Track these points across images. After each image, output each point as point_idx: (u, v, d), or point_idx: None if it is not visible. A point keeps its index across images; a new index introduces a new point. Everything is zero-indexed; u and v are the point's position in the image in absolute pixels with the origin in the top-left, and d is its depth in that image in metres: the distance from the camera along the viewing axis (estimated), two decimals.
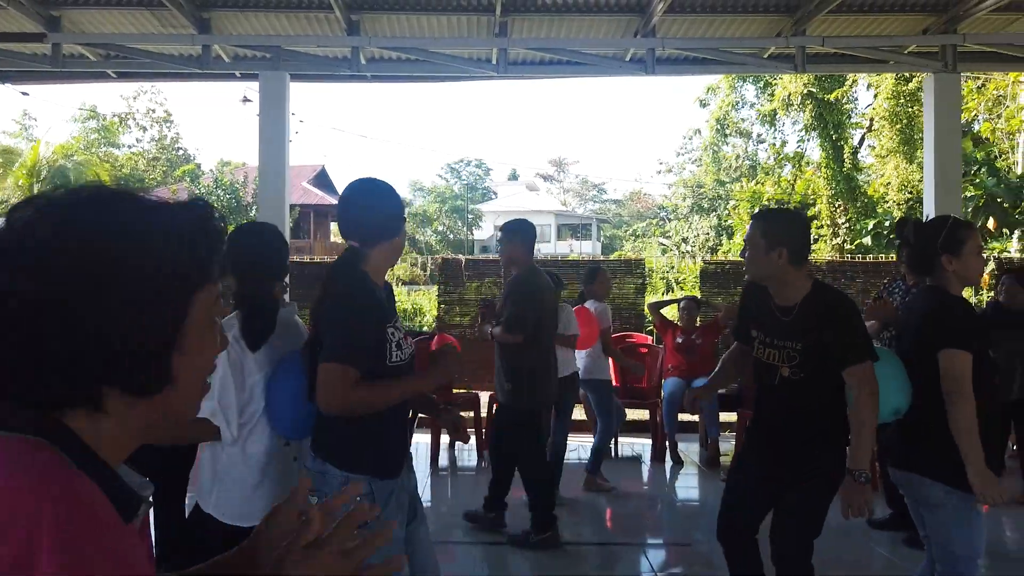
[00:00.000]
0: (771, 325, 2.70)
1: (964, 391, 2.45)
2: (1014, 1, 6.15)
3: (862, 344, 2.59)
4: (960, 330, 2.53)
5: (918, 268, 2.77)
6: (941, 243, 2.61)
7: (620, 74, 6.98)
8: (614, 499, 5.41)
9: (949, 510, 2.53)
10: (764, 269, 2.68)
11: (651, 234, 37.48)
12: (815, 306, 2.62)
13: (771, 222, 2.73)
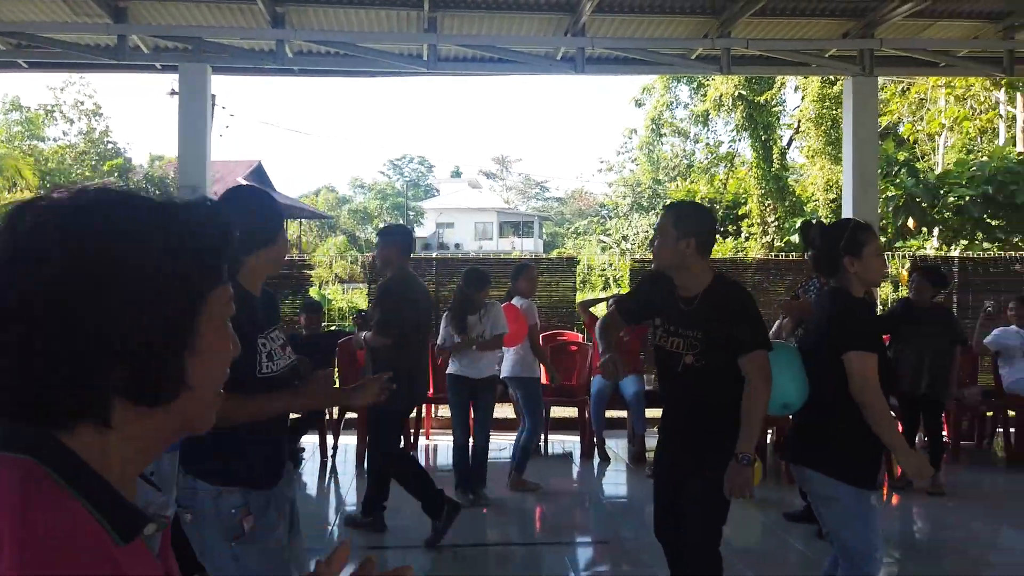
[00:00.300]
0: (674, 314, 2.78)
1: (873, 388, 2.52)
2: (927, 7, 6.39)
3: (756, 333, 2.68)
4: (863, 332, 2.61)
5: (823, 270, 2.84)
6: (843, 245, 2.68)
7: (550, 72, 7.00)
8: (542, 498, 5.42)
9: (842, 505, 2.60)
10: (672, 258, 2.75)
11: (592, 232, 37.81)
12: (716, 296, 2.71)
13: (682, 213, 2.82)
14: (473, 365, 5.11)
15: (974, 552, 4.42)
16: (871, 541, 2.60)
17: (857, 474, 2.57)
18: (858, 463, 2.59)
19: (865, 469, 2.60)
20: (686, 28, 6.75)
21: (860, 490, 2.57)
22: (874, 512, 2.61)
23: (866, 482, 2.59)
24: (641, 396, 6.31)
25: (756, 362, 2.61)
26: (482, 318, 5.10)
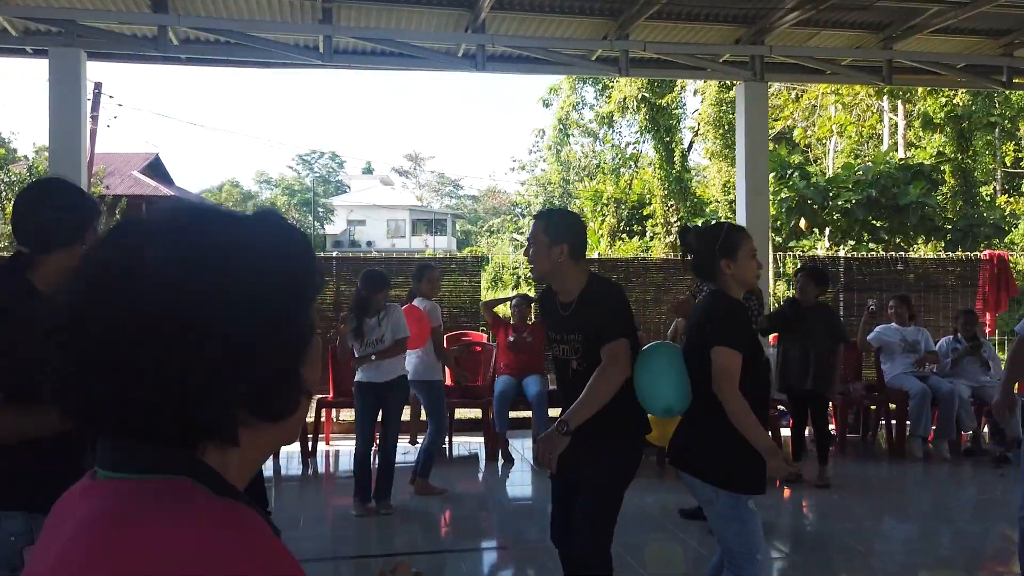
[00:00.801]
0: (558, 320, 2.79)
1: (732, 384, 2.54)
2: (813, 17, 6.64)
3: (615, 323, 2.69)
4: (732, 331, 2.62)
5: (701, 273, 2.86)
6: (718, 248, 2.71)
7: (451, 69, 6.90)
8: (446, 502, 5.31)
9: (720, 508, 2.63)
10: (547, 265, 2.76)
11: (505, 230, 37.90)
12: (589, 297, 2.73)
13: (552, 220, 2.83)
14: (378, 370, 4.94)
15: (859, 542, 4.60)
16: (751, 543, 2.61)
17: (732, 479, 2.59)
18: (733, 468, 2.60)
19: (741, 474, 2.60)
20: (585, 29, 6.78)
21: (735, 495, 2.60)
22: (752, 515, 2.62)
23: (742, 486, 2.60)
24: (544, 396, 6.29)
25: (611, 349, 2.63)
26: (381, 321, 4.94)
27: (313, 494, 5.85)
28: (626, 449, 2.75)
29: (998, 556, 4.43)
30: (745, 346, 2.62)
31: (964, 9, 6.29)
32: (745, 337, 2.65)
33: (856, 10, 6.58)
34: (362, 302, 4.97)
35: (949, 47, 7.45)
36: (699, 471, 2.65)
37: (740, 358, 2.57)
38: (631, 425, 2.75)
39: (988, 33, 7.25)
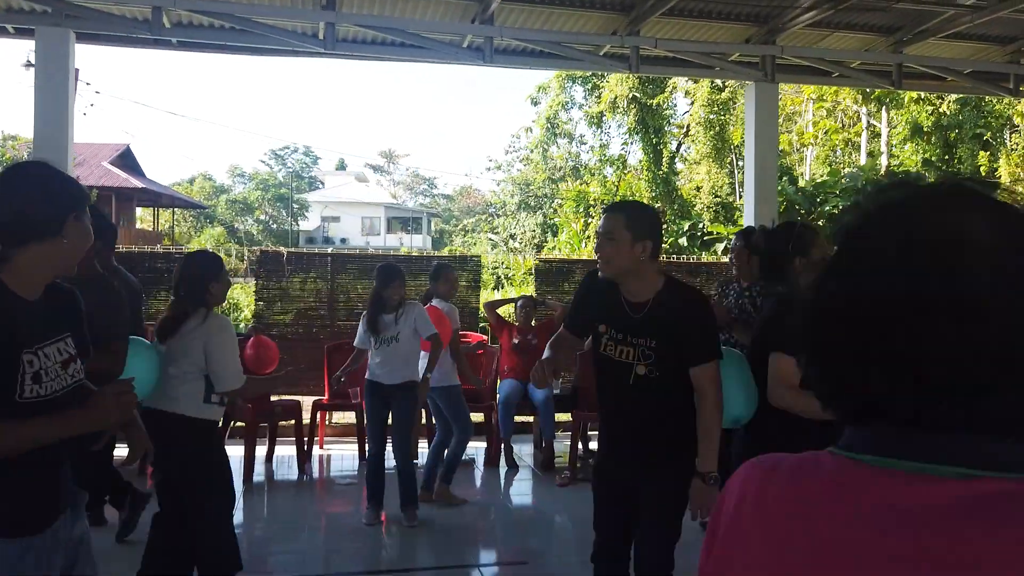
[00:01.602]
0: (623, 321, 2.58)
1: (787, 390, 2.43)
2: (826, 18, 6.53)
3: (710, 342, 2.54)
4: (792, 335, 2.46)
5: (770, 275, 2.70)
6: (792, 246, 2.59)
7: (458, 61, 6.65)
8: (450, 511, 5.08)
9: None
10: (628, 263, 2.53)
11: (480, 229, 37.76)
12: (669, 302, 2.54)
13: (635, 213, 2.60)
14: (387, 369, 4.70)
15: None
16: None
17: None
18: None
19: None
20: (596, 24, 6.59)
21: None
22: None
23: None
24: (551, 400, 6.10)
25: (709, 374, 2.49)
26: (399, 318, 4.70)
27: (313, 501, 5.58)
28: (688, 462, 2.58)
29: None
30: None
31: (979, 14, 6.22)
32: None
33: (872, 11, 6.48)
34: (378, 297, 4.74)
35: (957, 52, 7.40)
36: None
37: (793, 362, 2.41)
38: (691, 437, 2.58)
39: (996, 40, 7.21)
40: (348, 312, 8.00)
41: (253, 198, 49.90)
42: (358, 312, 8.00)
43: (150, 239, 27.63)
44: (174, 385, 3.11)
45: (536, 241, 25.70)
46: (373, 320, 4.71)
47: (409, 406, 4.80)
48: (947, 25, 6.59)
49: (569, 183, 23.80)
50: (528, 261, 14.28)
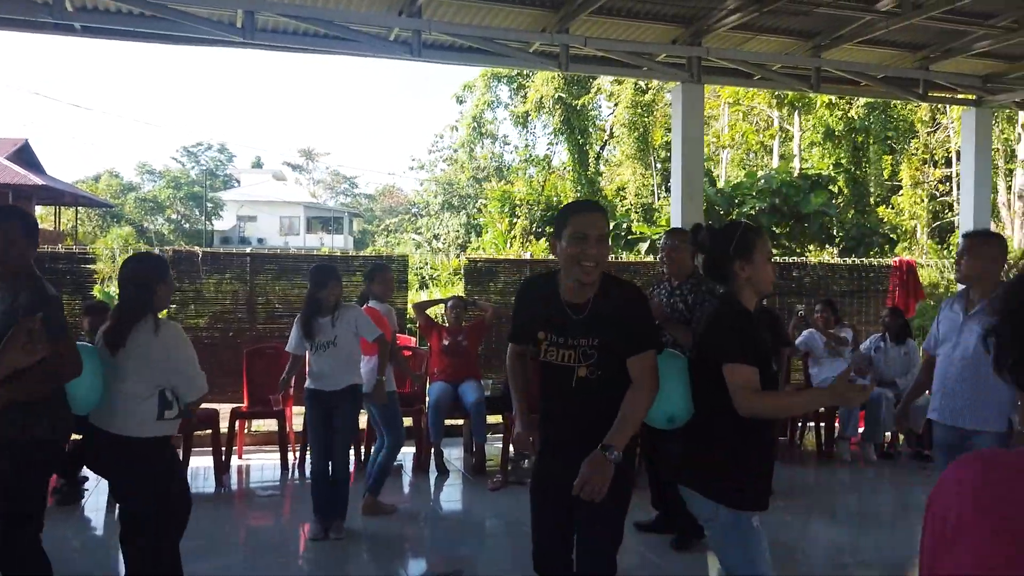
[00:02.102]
0: (563, 324, 2.52)
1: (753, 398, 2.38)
2: (749, 21, 6.64)
3: (647, 332, 2.51)
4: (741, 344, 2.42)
5: (713, 275, 2.67)
6: (733, 248, 2.52)
7: (385, 55, 6.45)
8: (378, 520, 4.89)
9: (720, 527, 2.46)
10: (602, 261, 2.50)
11: (404, 229, 37.34)
12: (611, 298, 2.50)
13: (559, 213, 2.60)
14: (328, 375, 4.48)
15: (787, 544, 4.54)
16: (755, 565, 2.43)
17: (733, 494, 2.42)
18: (734, 482, 2.43)
19: (742, 489, 2.43)
20: (525, 20, 6.51)
21: (737, 512, 2.42)
22: (756, 534, 2.44)
23: (743, 502, 2.43)
24: (482, 403, 5.98)
25: (647, 362, 2.45)
26: (335, 321, 4.48)
27: (233, 514, 5.28)
28: (631, 465, 2.57)
29: None
30: (758, 358, 2.42)
31: (894, 20, 6.44)
32: (756, 349, 2.44)
33: (793, 15, 6.63)
34: (313, 299, 4.50)
35: (871, 58, 7.67)
36: (698, 485, 2.46)
37: (756, 372, 2.39)
38: (634, 440, 2.54)
39: (908, 46, 7.50)
40: (268, 314, 7.67)
41: (164, 196, 47.83)
42: (279, 314, 7.70)
43: (51, 239, 26.02)
44: (128, 405, 2.88)
45: (460, 241, 25.55)
46: (308, 324, 4.47)
47: (351, 414, 4.59)
48: (863, 31, 6.81)
49: (494, 183, 23.74)
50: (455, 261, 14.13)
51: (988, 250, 3.50)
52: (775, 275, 2.67)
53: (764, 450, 2.49)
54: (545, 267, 8.71)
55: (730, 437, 2.43)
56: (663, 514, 4.57)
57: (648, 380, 2.44)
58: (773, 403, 2.37)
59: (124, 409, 2.87)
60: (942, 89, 8.33)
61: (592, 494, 2.31)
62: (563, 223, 2.49)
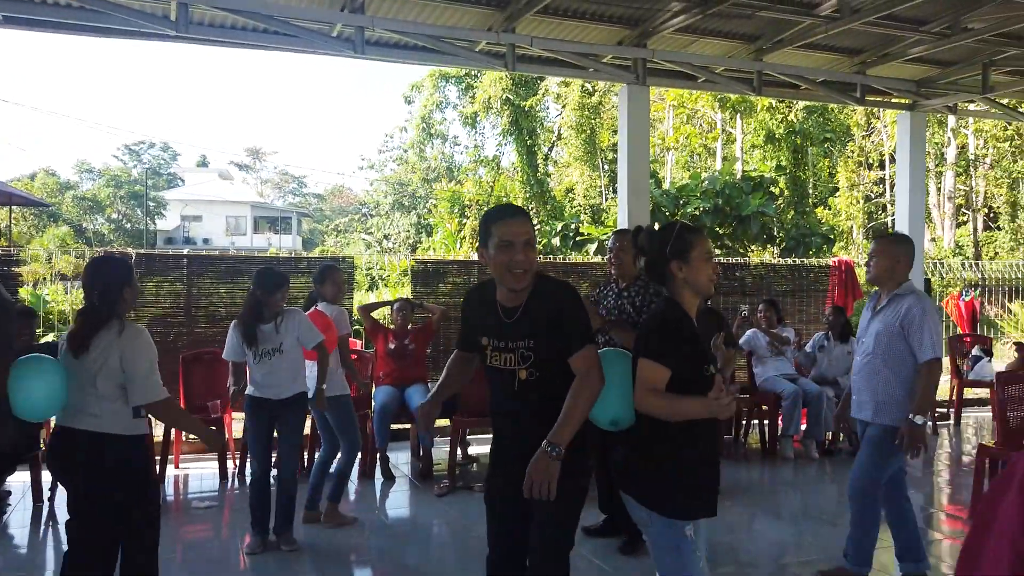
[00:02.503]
0: (501, 328, 2.53)
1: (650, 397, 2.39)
2: (693, 23, 6.70)
3: (583, 329, 2.48)
4: (661, 343, 2.41)
5: (654, 276, 2.64)
6: (670, 249, 2.50)
7: (326, 51, 6.30)
8: (321, 530, 4.76)
9: (654, 532, 2.45)
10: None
11: (353, 230, 36.90)
12: (542, 297, 2.49)
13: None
14: (274, 384, 4.32)
15: (733, 542, 4.58)
16: (687, 572, 2.40)
17: (665, 501, 2.40)
18: (667, 490, 2.41)
19: (675, 496, 2.41)
20: (471, 19, 6.45)
21: (671, 520, 2.40)
22: (689, 543, 2.40)
23: (675, 510, 2.40)
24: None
25: (587, 358, 2.43)
26: (279, 327, 4.32)
27: (169, 527, 5.05)
28: (582, 465, 2.51)
29: None
30: (679, 361, 2.39)
31: (833, 24, 6.57)
32: (679, 351, 2.41)
33: (736, 18, 6.71)
34: (256, 305, 4.33)
35: (811, 62, 7.82)
36: (633, 491, 2.45)
37: (666, 373, 2.37)
38: (585, 439, 2.50)
39: (846, 51, 7.68)
40: (208, 318, 7.43)
41: (103, 196, 46.27)
42: (219, 318, 7.46)
43: None
44: (102, 404, 2.90)
45: (411, 242, 25.35)
46: (250, 331, 4.30)
47: (298, 422, 4.45)
48: (804, 35, 6.93)
49: (444, 183, 23.60)
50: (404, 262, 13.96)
51: (894, 251, 3.72)
52: (717, 276, 2.65)
53: (701, 459, 2.45)
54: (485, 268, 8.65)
55: (664, 443, 2.40)
56: (611, 518, 4.55)
57: (590, 374, 2.41)
58: (661, 405, 2.36)
59: (100, 408, 2.89)
60: (878, 93, 8.56)
61: (541, 493, 2.32)
62: (487, 232, 2.49)
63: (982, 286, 13.76)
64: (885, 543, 4.79)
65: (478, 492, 5.58)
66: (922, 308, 3.62)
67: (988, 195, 24.85)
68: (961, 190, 24.46)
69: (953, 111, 9.16)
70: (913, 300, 3.65)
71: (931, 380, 3.59)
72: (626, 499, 2.48)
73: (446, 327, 6.92)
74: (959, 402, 8.44)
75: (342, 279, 5.09)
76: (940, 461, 6.95)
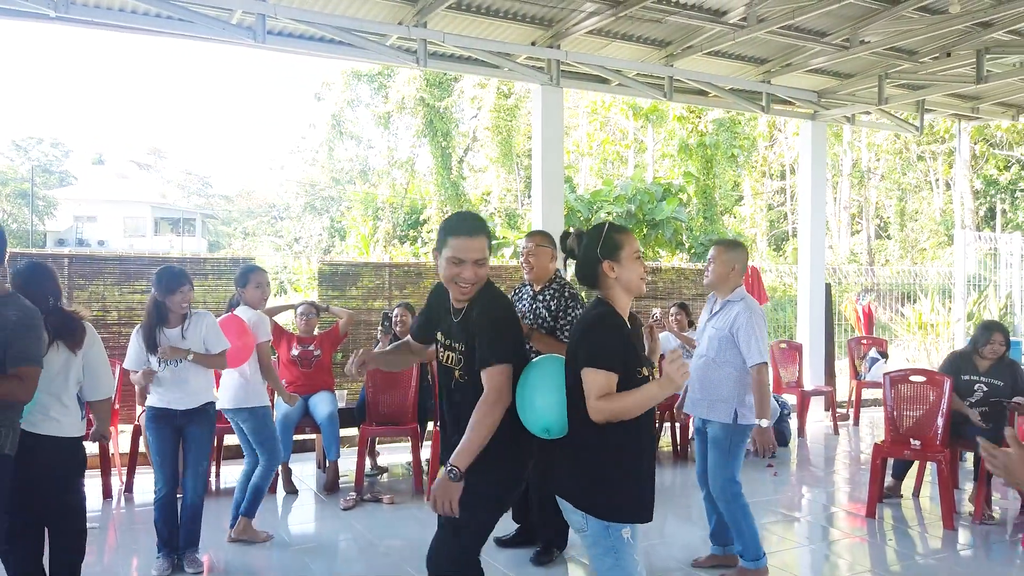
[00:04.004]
0: (448, 327, 2.65)
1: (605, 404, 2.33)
2: (606, 26, 6.70)
3: (496, 345, 2.45)
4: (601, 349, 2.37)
5: (586, 280, 2.58)
6: (600, 249, 2.48)
7: (223, 38, 5.94)
8: (235, 549, 4.44)
9: (590, 536, 2.41)
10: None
11: (263, 232, 35.88)
12: (477, 306, 2.53)
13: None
14: (179, 393, 4.00)
15: (648, 548, 4.53)
16: (624, 573, 2.38)
17: (601, 505, 2.37)
18: (603, 494, 2.38)
19: (611, 501, 2.38)
20: (381, 11, 6.23)
21: (607, 523, 2.37)
22: (626, 546, 2.39)
23: (611, 514, 2.37)
24: (335, 417, 5.62)
25: (492, 376, 2.43)
26: (185, 332, 4.00)
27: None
28: (500, 475, 2.49)
29: (773, 553, 4.59)
30: (621, 364, 2.35)
31: (739, 33, 6.69)
32: (621, 354, 2.37)
33: (647, 23, 6.74)
34: (158, 308, 3.98)
35: (719, 69, 7.96)
36: (570, 496, 2.42)
37: (615, 377, 2.33)
38: (509, 450, 2.48)
39: (752, 60, 7.86)
40: (94, 323, 6.90)
41: None
42: (106, 323, 6.95)
43: None
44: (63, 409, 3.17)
45: (323, 245, 24.72)
46: (152, 336, 3.96)
47: (205, 434, 4.11)
48: (712, 42, 7.04)
49: (357, 185, 23.12)
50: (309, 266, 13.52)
51: (728, 257, 3.95)
52: (646, 274, 2.62)
53: (636, 462, 2.43)
54: (404, 271, 8.43)
55: (598, 448, 2.38)
56: (524, 528, 4.44)
57: (490, 395, 2.41)
58: (616, 406, 2.32)
59: (60, 413, 3.14)
60: (782, 102, 8.81)
61: (444, 511, 2.40)
62: (443, 242, 2.53)
63: (876, 291, 14.47)
64: (789, 543, 4.86)
65: (387, 504, 5.37)
66: (749, 315, 3.83)
67: (880, 205, 26.31)
68: (856, 200, 25.80)
69: (851, 121, 9.54)
70: (742, 307, 3.87)
71: (762, 383, 3.83)
72: (562, 503, 2.46)
73: (355, 332, 6.65)
74: (858, 402, 8.76)
75: (266, 281, 4.75)
76: (840, 461, 7.17)
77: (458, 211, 4.53)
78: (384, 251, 17.94)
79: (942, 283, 14.38)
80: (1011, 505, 5.51)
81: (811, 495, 5.99)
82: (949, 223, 22.83)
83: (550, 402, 2.42)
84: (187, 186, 57.66)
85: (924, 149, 24.09)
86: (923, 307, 12.99)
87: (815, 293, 9.09)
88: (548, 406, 2.42)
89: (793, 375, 8.39)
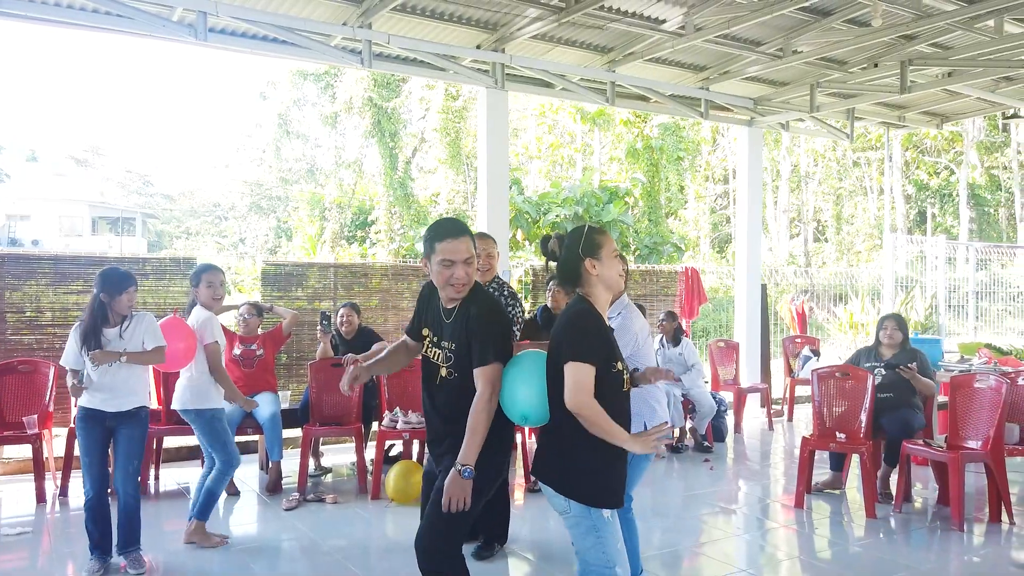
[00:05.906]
0: (439, 325, 2.79)
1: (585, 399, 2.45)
2: (549, 31, 6.83)
3: (488, 345, 2.63)
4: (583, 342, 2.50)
5: (568, 279, 2.71)
6: (582, 248, 2.62)
7: (163, 35, 5.87)
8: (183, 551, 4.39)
9: (573, 519, 2.55)
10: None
11: (206, 232, 35.15)
12: (469, 307, 2.70)
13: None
14: (111, 394, 3.94)
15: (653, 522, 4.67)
16: (608, 556, 2.52)
17: (583, 490, 2.51)
18: (583, 479, 2.52)
19: (591, 485, 2.52)
20: (325, 11, 6.24)
21: (587, 506, 2.52)
22: (608, 526, 2.53)
23: (592, 498, 2.52)
24: (277, 418, 5.59)
25: (484, 375, 2.62)
26: (123, 332, 3.94)
27: None
28: (490, 464, 2.66)
29: (711, 543, 4.77)
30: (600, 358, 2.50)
31: (679, 40, 6.89)
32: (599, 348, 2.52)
33: (589, 28, 6.89)
34: (101, 308, 3.91)
35: (660, 76, 8.18)
36: (552, 481, 2.56)
37: (593, 371, 2.47)
38: (496, 439, 2.66)
39: (691, 67, 8.09)
40: (27, 323, 6.74)
41: None
42: (37, 323, 6.78)
43: None
44: None
45: (269, 245, 24.36)
46: (91, 336, 3.89)
47: (138, 433, 4.06)
48: (652, 49, 7.24)
49: (304, 185, 22.84)
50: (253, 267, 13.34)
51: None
52: (626, 271, 2.79)
53: (614, 455, 2.54)
54: (351, 271, 8.41)
55: (578, 436, 2.49)
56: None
57: (483, 392, 2.59)
58: (591, 412, 2.44)
59: None
60: (721, 109, 9.08)
61: (456, 507, 2.55)
62: (430, 248, 2.69)
63: (812, 292, 14.97)
64: (725, 533, 5.04)
65: (330, 504, 5.37)
66: (622, 319, 3.95)
67: (817, 209, 27.18)
68: (794, 204, 26.60)
69: (786, 128, 9.88)
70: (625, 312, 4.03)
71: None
72: (544, 488, 2.58)
73: (298, 332, 6.63)
74: (792, 399, 9.08)
75: (219, 281, 4.64)
76: (775, 455, 7.43)
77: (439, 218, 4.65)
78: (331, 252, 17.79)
79: (873, 284, 14.97)
80: (930, 495, 5.81)
81: (747, 488, 6.20)
82: (882, 227, 23.74)
83: (530, 391, 2.58)
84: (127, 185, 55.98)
85: (859, 155, 25.00)
86: (854, 307, 13.51)
87: (752, 294, 9.39)
88: (528, 396, 2.59)
89: (730, 373, 8.66)
